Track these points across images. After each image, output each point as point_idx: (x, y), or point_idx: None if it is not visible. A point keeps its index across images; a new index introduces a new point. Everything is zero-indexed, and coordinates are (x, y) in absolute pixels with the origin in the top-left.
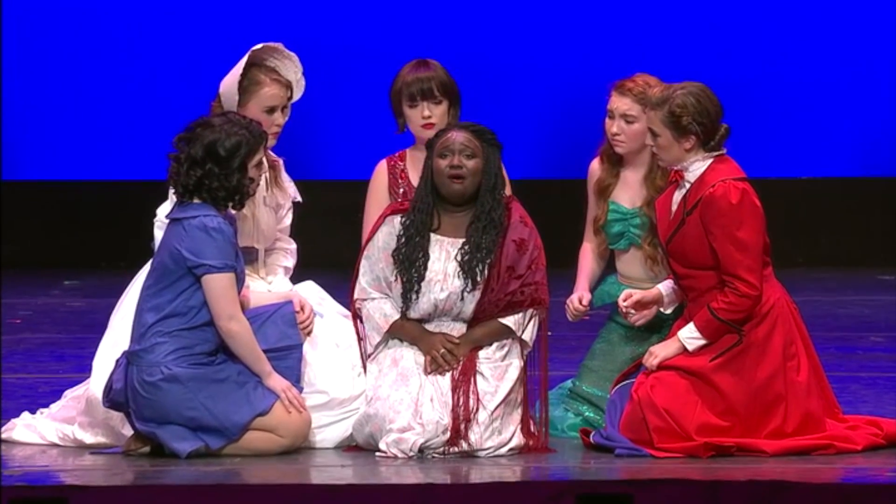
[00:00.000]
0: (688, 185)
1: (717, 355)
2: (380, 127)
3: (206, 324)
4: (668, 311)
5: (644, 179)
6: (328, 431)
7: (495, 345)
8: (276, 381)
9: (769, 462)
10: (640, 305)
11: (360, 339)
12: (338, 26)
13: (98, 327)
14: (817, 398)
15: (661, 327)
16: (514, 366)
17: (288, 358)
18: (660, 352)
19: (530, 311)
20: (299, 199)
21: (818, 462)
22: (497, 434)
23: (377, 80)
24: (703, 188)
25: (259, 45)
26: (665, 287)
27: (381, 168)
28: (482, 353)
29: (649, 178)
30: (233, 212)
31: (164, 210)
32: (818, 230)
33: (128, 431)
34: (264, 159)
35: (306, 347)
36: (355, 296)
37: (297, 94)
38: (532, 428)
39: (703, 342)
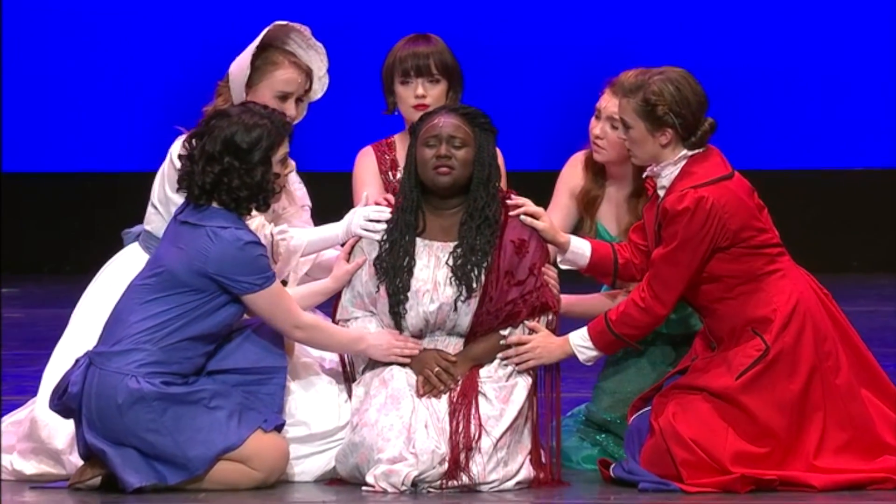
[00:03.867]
0: (662, 194)
1: (742, 372)
2: (366, 113)
3: (193, 341)
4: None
5: (627, 201)
6: (308, 463)
7: (498, 360)
8: (378, 346)
9: (818, 498)
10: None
11: (343, 367)
12: (322, 4)
13: (40, 342)
14: (863, 400)
15: (684, 341)
16: (522, 385)
17: (269, 383)
18: (540, 355)
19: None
20: (309, 203)
21: (874, 498)
22: (502, 465)
23: (363, 62)
24: (666, 199)
25: (282, 22)
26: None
27: (367, 154)
28: (484, 372)
29: (632, 202)
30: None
31: (172, 195)
32: (875, 229)
33: (76, 459)
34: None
35: (289, 375)
36: (337, 317)
37: (319, 92)
38: (543, 458)
39: (595, 353)
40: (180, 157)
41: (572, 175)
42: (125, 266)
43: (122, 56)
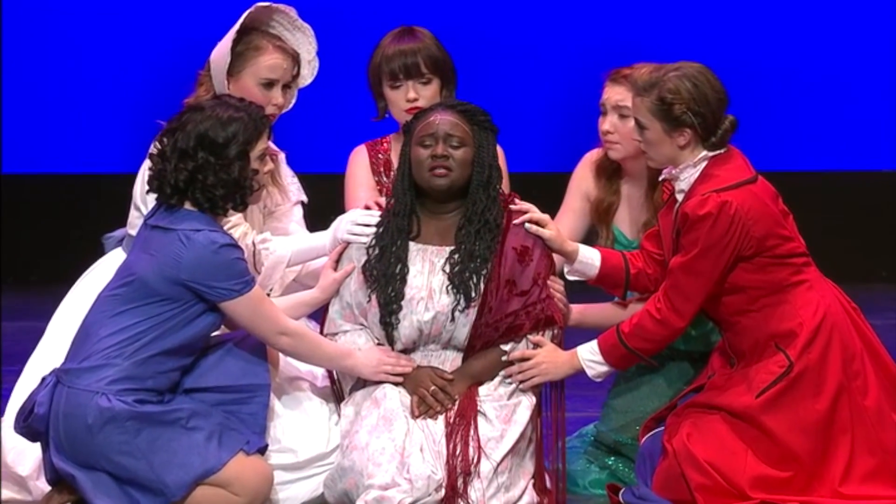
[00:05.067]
0: (681, 198)
1: (763, 390)
2: (360, 111)
3: (167, 354)
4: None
5: (643, 197)
6: (294, 489)
7: (499, 377)
8: (366, 364)
9: None
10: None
11: (332, 383)
12: None
13: (4, 359)
14: (893, 424)
15: (703, 359)
16: (525, 405)
17: (251, 402)
18: (546, 370)
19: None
20: (304, 198)
21: None
22: (503, 491)
23: (355, 55)
24: (686, 203)
25: (265, 3)
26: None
27: (360, 153)
28: (483, 390)
29: (647, 197)
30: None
31: (144, 195)
32: None
33: (43, 484)
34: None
35: (273, 394)
36: (324, 331)
37: (308, 78)
38: (547, 483)
39: (605, 369)
40: (151, 155)
41: (585, 176)
42: (108, 273)
43: (95, 48)
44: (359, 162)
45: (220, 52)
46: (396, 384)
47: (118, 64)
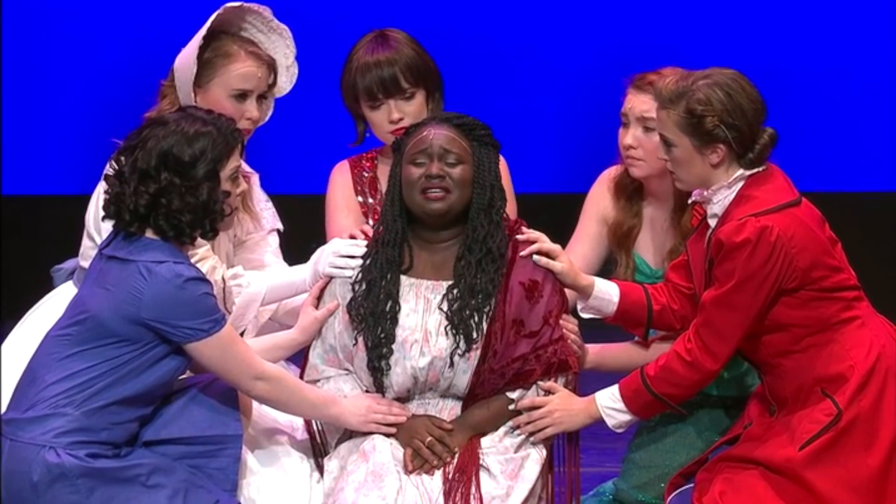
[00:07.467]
0: (714, 223)
1: (807, 441)
2: (340, 122)
3: (124, 404)
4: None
5: (668, 220)
6: None
7: (505, 427)
8: (354, 413)
9: None
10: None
11: (312, 437)
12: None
13: None
14: None
15: (737, 405)
16: (534, 458)
17: (220, 455)
18: (560, 419)
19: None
20: (279, 225)
21: None
22: None
23: (337, 58)
24: (720, 229)
25: (235, 3)
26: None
27: (342, 171)
28: (486, 441)
29: (674, 221)
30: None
31: (99, 221)
32: None
33: None
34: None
35: (246, 446)
36: (304, 377)
37: (286, 86)
38: None
39: (628, 418)
40: (107, 177)
41: (602, 197)
42: (56, 310)
43: (40, 51)
44: (340, 182)
45: (186, 60)
46: (388, 435)
47: (67, 71)
